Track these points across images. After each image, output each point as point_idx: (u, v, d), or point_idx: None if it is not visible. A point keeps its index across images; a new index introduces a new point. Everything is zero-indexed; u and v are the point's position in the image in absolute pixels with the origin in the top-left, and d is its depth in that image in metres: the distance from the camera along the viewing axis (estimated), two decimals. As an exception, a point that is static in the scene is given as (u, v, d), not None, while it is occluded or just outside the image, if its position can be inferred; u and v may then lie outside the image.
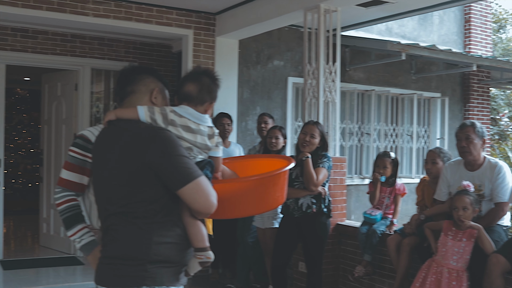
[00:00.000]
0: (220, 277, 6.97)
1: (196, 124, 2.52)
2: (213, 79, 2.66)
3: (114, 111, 2.51)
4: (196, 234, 2.45)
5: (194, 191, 2.32)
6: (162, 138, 2.35)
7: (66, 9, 6.68)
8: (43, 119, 8.78)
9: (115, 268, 2.35)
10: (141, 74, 2.60)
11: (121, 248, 2.36)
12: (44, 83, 8.74)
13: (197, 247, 2.47)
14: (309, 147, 5.25)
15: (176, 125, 2.46)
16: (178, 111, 2.51)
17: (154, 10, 7.17)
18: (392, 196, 5.69)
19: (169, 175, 2.32)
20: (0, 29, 7.50)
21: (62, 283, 6.68)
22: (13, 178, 12.87)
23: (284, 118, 8.32)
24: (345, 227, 6.07)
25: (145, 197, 2.34)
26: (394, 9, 7.17)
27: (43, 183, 8.67)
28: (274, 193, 2.74)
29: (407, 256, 5.06)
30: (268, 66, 8.27)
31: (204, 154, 2.57)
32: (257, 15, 6.87)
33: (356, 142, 9.10)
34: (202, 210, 2.37)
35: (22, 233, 10.24)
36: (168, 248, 2.38)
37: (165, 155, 2.32)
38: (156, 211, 2.35)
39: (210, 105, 2.63)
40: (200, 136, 2.52)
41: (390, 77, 9.43)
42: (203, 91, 2.60)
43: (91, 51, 8.08)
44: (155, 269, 2.34)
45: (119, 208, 2.37)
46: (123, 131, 2.42)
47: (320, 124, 5.39)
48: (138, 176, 2.32)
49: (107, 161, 2.42)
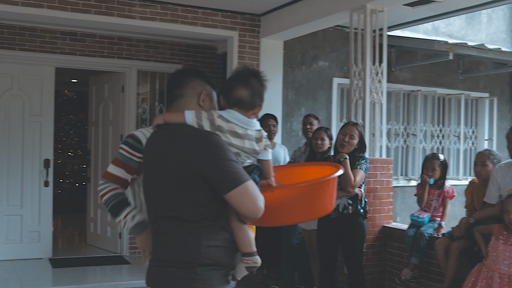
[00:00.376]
0: (265, 278, 6.98)
1: (244, 129, 2.49)
2: (261, 81, 2.60)
3: (162, 115, 2.51)
4: (243, 238, 2.44)
5: (242, 195, 2.31)
6: (210, 142, 2.34)
7: (114, 13, 6.79)
8: (91, 121, 8.94)
9: (166, 271, 2.37)
10: (188, 77, 2.58)
11: (171, 252, 2.38)
12: (92, 85, 8.90)
13: (244, 251, 2.46)
14: (347, 148, 5.25)
15: (224, 131, 2.45)
16: (226, 116, 2.48)
17: (200, 12, 7.22)
18: (441, 199, 5.60)
19: (217, 179, 2.31)
20: (50, 32, 7.67)
21: (109, 282, 6.80)
22: (60, 178, 13.13)
23: (329, 119, 8.28)
24: (391, 229, 6.00)
25: (193, 201, 2.34)
26: (442, 8, 7.05)
27: (90, 183, 8.82)
28: (323, 200, 2.69)
29: (456, 260, 4.97)
30: (313, 67, 8.24)
31: (253, 158, 2.55)
32: (302, 16, 6.86)
33: (401, 143, 8.99)
34: (249, 215, 2.35)
35: (70, 232, 10.46)
36: (217, 251, 2.38)
37: (213, 159, 2.31)
38: (204, 215, 2.35)
39: (259, 107, 2.58)
40: (248, 141, 2.50)
41: (437, 77, 9.28)
42: (255, 96, 2.54)
43: (137, 53, 8.19)
44: (205, 272, 2.36)
45: (167, 212, 2.38)
46: (172, 135, 2.42)
47: (359, 125, 5.38)
48: (186, 180, 2.33)
49: (156, 165, 2.43)
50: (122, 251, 8.19)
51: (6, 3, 6.28)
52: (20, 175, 7.73)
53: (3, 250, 7.61)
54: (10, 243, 7.67)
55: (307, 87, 8.20)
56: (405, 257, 5.78)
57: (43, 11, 6.48)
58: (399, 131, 8.94)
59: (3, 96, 7.62)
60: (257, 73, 2.60)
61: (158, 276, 2.41)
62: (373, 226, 5.97)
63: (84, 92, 13.23)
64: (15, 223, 7.70)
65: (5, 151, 7.62)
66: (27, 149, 7.76)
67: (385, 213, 6.07)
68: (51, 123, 7.96)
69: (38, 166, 7.83)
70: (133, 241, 8.18)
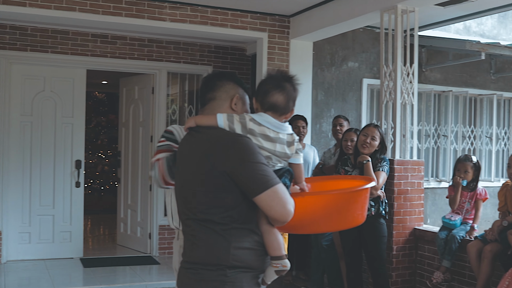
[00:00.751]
0: (293, 279, 6.96)
1: (275, 133, 2.49)
2: (295, 86, 2.61)
3: (194, 118, 2.53)
4: (272, 242, 2.44)
5: (271, 198, 2.31)
6: (241, 145, 2.35)
7: (144, 15, 6.85)
8: (121, 122, 9.02)
9: (196, 273, 2.39)
10: (221, 80, 2.59)
11: (200, 254, 2.39)
12: (122, 86, 8.99)
13: (273, 255, 2.46)
14: (369, 149, 5.31)
15: (255, 134, 2.45)
16: (257, 119, 2.48)
17: (229, 14, 7.24)
18: (473, 201, 5.53)
19: (247, 182, 2.32)
20: (81, 35, 7.76)
21: (139, 282, 6.85)
22: (91, 178, 13.28)
23: (359, 120, 8.22)
24: (422, 231, 5.94)
25: (223, 203, 2.35)
26: (474, 8, 6.95)
27: (120, 184, 8.91)
28: (354, 211, 2.66)
29: (489, 264, 4.90)
30: (343, 67, 8.20)
31: (284, 162, 2.55)
32: (332, 17, 6.83)
33: (432, 144, 8.89)
34: (279, 218, 2.35)
35: (100, 232, 10.57)
36: (247, 253, 2.39)
37: (243, 162, 2.32)
38: (234, 217, 2.36)
39: (291, 112, 2.60)
40: (279, 144, 2.50)
41: (468, 77, 9.16)
42: (290, 101, 2.56)
43: (167, 55, 8.24)
44: (235, 274, 2.36)
45: (198, 214, 2.39)
46: (204, 137, 2.44)
47: (380, 127, 5.38)
48: (216, 182, 2.33)
49: (188, 167, 2.45)
50: (152, 251, 8.25)
51: (39, 7, 6.38)
52: (52, 176, 7.85)
53: (35, 250, 7.74)
54: (42, 243, 7.79)
55: (337, 88, 8.16)
56: (436, 259, 5.72)
57: (75, 14, 6.57)
58: (430, 132, 8.84)
59: (36, 98, 7.74)
60: (291, 78, 2.61)
61: (188, 278, 2.42)
62: (403, 228, 5.92)
63: (114, 94, 13.39)
64: (47, 223, 7.82)
65: (38, 152, 7.74)
66: (58, 150, 7.88)
67: (416, 215, 6.01)
68: (83, 125, 8.06)
69: (69, 167, 7.94)
70: (162, 241, 8.24)
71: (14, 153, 7.60)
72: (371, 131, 5.34)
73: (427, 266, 5.89)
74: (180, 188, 2.52)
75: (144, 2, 6.83)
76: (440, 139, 8.95)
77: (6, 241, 7.51)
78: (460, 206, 5.54)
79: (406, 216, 5.91)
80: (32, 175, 7.72)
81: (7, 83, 7.54)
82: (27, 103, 7.69)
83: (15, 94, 7.62)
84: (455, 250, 5.39)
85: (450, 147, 8.94)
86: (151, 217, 8.24)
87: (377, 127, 5.38)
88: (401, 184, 5.88)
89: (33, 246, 7.73)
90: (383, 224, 5.36)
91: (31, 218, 7.73)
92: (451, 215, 5.54)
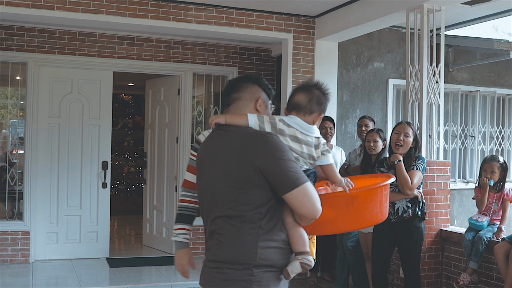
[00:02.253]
0: (318, 280, 6.94)
1: (304, 135, 2.55)
2: (324, 92, 2.69)
3: (224, 115, 2.55)
4: (298, 238, 2.47)
5: (302, 195, 2.35)
6: (271, 142, 2.38)
7: (170, 17, 6.90)
8: (147, 123, 9.09)
9: (222, 272, 2.39)
10: (247, 82, 2.64)
11: (227, 253, 2.39)
12: (148, 88, 9.05)
13: (297, 251, 2.48)
14: (403, 148, 5.15)
15: (285, 134, 2.51)
16: (287, 120, 2.55)
17: (254, 15, 7.26)
18: (500, 202, 5.46)
19: (278, 179, 2.35)
20: (108, 37, 7.85)
21: (164, 282, 6.89)
22: (117, 179, 13.41)
23: (384, 121, 8.17)
24: (449, 233, 5.87)
25: (252, 200, 2.37)
26: (502, 6, 6.86)
27: (146, 185, 8.97)
28: (372, 209, 2.64)
29: (517, 265, 4.83)
30: (368, 68, 8.16)
31: (309, 164, 2.59)
32: (358, 17, 6.79)
33: (459, 145, 8.80)
34: (308, 215, 2.39)
35: (126, 233, 10.66)
36: (274, 252, 2.40)
37: (274, 159, 2.34)
38: (262, 214, 2.38)
39: (318, 116, 2.65)
40: (307, 146, 2.55)
41: (496, 77, 9.04)
42: (313, 101, 2.63)
43: (193, 57, 8.28)
44: (261, 274, 2.38)
45: (226, 211, 2.40)
46: (233, 135, 2.47)
47: (412, 124, 5.27)
48: (247, 178, 2.36)
49: (215, 164, 2.47)
50: (177, 252, 8.27)
51: (67, 10, 6.47)
52: (79, 177, 7.94)
53: (63, 250, 7.84)
54: (69, 243, 7.88)
55: (362, 89, 8.12)
56: (462, 261, 5.66)
57: (102, 17, 6.65)
58: (457, 132, 8.75)
59: (64, 100, 7.84)
60: (320, 85, 2.71)
61: (214, 277, 2.42)
62: (429, 230, 5.86)
63: (140, 96, 13.51)
64: (74, 223, 7.92)
65: (65, 153, 7.85)
66: (86, 151, 7.97)
67: (442, 216, 5.95)
68: (109, 126, 8.14)
69: (96, 168, 8.03)
70: (188, 242, 8.26)
71: (42, 154, 7.71)
72: (403, 128, 5.18)
73: (453, 268, 5.82)
74: (206, 187, 2.53)
75: (169, 4, 6.88)
76: (467, 139, 8.85)
77: (34, 241, 7.62)
78: (487, 207, 5.47)
79: (432, 217, 5.85)
80: (60, 176, 7.82)
81: (36, 85, 7.65)
82: (55, 105, 7.80)
83: (43, 96, 7.73)
84: (482, 251, 5.32)
85: (477, 148, 8.84)
86: (177, 217, 8.26)
87: (409, 124, 5.22)
88: (428, 185, 5.82)
89: (60, 246, 7.83)
90: (419, 228, 5.14)
91: (59, 218, 7.84)
92: (478, 216, 5.48)
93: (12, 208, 7.69)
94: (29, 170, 7.60)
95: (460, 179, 8.81)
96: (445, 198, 5.96)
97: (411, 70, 6.08)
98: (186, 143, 8.26)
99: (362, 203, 2.64)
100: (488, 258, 5.38)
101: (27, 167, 7.60)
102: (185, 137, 8.28)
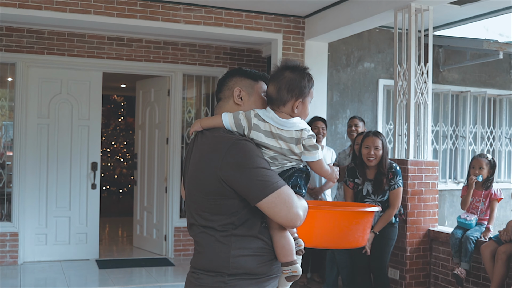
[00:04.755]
0: (308, 281, 6.92)
1: (279, 130, 2.30)
2: (298, 73, 2.34)
3: (199, 120, 2.41)
4: (282, 247, 2.31)
5: (274, 204, 2.19)
6: (237, 150, 2.21)
7: (159, 17, 6.88)
8: (137, 124, 9.07)
9: (197, 277, 2.35)
10: (226, 78, 2.45)
11: (203, 260, 2.34)
12: (139, 89, 9.03)
13: (281, 261, 2.34)
14: (376, 160, 5.24)
15: (259, 130, 2.29)
16: (262, 115, 2.31)
17: (244, 16, 7.24)
18: (487, 201, 5.44)
19: (245, 189, 2.20)
20: (97, 38, 7.82)
21: (154, 283, 6.86)
22: (110, 181, 13.37)
23: (375, 121, 8.16)
24: (437, 233, 5.85)
25: (223, 210, 2.25)
26: (491, 6, 6.86)
27: (137, 186, 8.94)
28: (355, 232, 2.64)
29: (503, 265, 4.82)
30: (358, 68, 8.15)
31: (295, 161, 2.35)
32: (347, 17, 6.78)
33: (450, 145, 8.79)
34: (286, 223, 2.23)
35: (117, 234, 10.61)
36: (249, 260, 2.29)
37: (238, 168, 2.19)
38: (236, 224, 2.26)
39: (297, 101, 2.32)
40: (284, 142, 2.29)
41: (487, 78, 9.04)
42: (282, 90, 2.31)
43: (183, 57, 8.26)
44: (235, 281, 2.29)
45: (199, 220, 2.33)
46: (205, 139, 2.33)
47: (381, 134, 5.35)
48: (215, 190, 2.23)
49: (189, 172, 2.38)
50: (167, 253, 8.26)
51: (54, 10, 6.44)
52: (69, 178, 7.90)
53: (52, 251, 7.79)
54: (58, 244, 7.84)
55: (352, 89, 8.11)
56: (451, 261, 5.63)
57: (90, 17, 6.62)
58: (448, 133, 8.74)
59: (53, 101, 7.81)
60: (293, 65, 2.36)
61: (190, 282, 2.39)
62: (417, 230, 5.84)
63: (132, 97, 13.47)
64: (63, 224, 7.88)
65: (54, 154, 7.81)
66: (75, 152, 7.93)
67: (430, 216, 5.93)
68: (99, 127, 8.11)
69: (86, 169, 7.99)
70: (178, 243, 8.25)
71: (31, 155, 7.67)
72: (372, 141, 5.21)
73: (441, 268, 5.80)
74: (186, 193, 2.44)
75: (158, 5, 6.86)
76: (458, 140, 8.85)
77: (23, 242, 7.58)
78: (474, 205, 5.46)
79: (420, 217, 5.84)
80: (49, 177, 7.78)
81: (24, 86, 7.61)
82: (44, 106, 7.76)
83: (32, 97, 7.69)
84: (472, 251, 5.31)
85: (468, 148, 8.82)
86: (167, 219, 8.26)
87: (377, 135, 5.25)
88: (415, 185, 5.81)
89: (49, 248, 7.79)
90: (394, 228, 5.32)
91: (48, 219, 7.79)
92: (467, 215, 5.46)
93: (1, 210, 7.65)
94: (18, 171, 7.56)
95: (451, 179, 8.80)
96: (433, 198, 5.94)
97: (399, 70, 6.07)
98: (176, 144, 8.24)
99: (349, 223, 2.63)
100: (476, 258, 5.37)
101: (16, 168, 7.56)
102: (175, 138, 8.25)
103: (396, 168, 5.25)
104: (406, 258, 5.79)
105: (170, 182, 8.17)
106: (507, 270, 4.83)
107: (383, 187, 5.20)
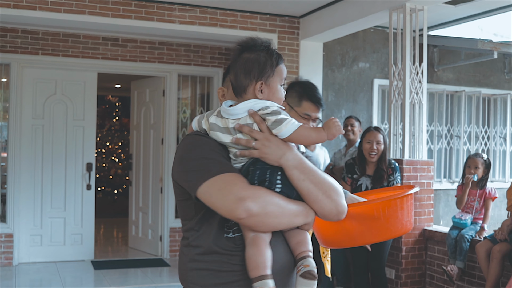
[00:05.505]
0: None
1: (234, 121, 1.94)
2: (256, 51, 1.97)
3: None
4: (250, 258, 1.88)
5: (208, 194, 1.85)
6: (181, 145, 2.01)
7: (154, 17, 6.87)
8: (132, 125, 9.06)
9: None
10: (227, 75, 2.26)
11: None
12: (134, 89, 9.02)
13: (251, 276, 1.87)
14: (377, 155, 5.27)
15: (217, 129, 1.96)
16: (221, 110, 1.99)
17: (239, 16, 7.24)
18: (482, 200, 5.46)
19: (185, 183, 1.93)
20: (92, 38, 7.80)
21: (149, 284, 6.86)
22: (104, 182, 13.34)
23: (370, 121, 8.17)
24: (432, 232, 5.87)
25: (184, 214, 2.03)
26: (485, 6, 6.88)
27: (132, 187, 8.93)
28: (402, 218, 2.44)
29: (498, 264, 4.84)
30: (353, 68, 8.16)
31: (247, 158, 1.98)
32: (342, 17, 6.79)
33: (445, 145, 8.81)
34: (226, 215, 1.85)
35: (112, 235, 10.59)
36: (205, 276, 1.94)
37: (180, 161, 1.95)
38: (195, 230, 1.97)
39: (257, 84, 1.95)
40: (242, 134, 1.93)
41: (482, 77, 9.07)
42: (238, 75, 1.97)
43: (178, 58, 8.25)
44: None
45: None
46: None
47: (381, 129, 5.37)
48: (175, 190, 2.04)
49: None
50: (162, 254, 8.25)
51: (49, 10, 6.42)
52: (63, 179, 7.89)
53: (47, 252, 7.77)
54: (53, 245, 7.82)
55: (348, 89, 8.12)
56: (446, 260, 5.65)
57: (84, 17, 6.61)
58: (442, 132, 8.76)
59: (47, 101, 7.79)
60: (251, 45, 2.00)
61: None
62: (412, 229, 5.86)
63: (127, 98, 13.45)
64: (58, 225, 7.86)
65: (49, 155, 7.79)
66: (70, 153, 7.91)
67: (426, 215, 5.95)
68: (94, 128, 8.10)
69: (80, 170, 7.98)
70: (173, 244, 8.24)
71: (26, 156, 7.65)
72: (374, 136, 5.26)
73: (436, 267, 5.82)
74: None
75: (153, 5, 6.85)
76: (453, 139, 8.87)
77: (18, 243, 7.56)
78: (469, 205, 5.48)
79: (416, 216, 5.85)
80: (44, 178, 7.77)
81: (19, 86, 7.59)
82: (38, 107, 7.75)
83: (27, 97, 7.67)
84: (466, 250, 5.33)
85: (463, 148, 8.85)
86: (162, 219, 8.25)
87: (378, 130, 5.30)
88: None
89: (44, 249, 7.77)
90: None
91: (43, 220, 7.78)
92: (461, 214, 5.48)
93: (-4, 211, 7.64)
94: (13, 172, 7.54)
95: (446, 179, 8.82)
96: (428, 197, 5.95)
97: (394, 69, 6.08)
98: (171, 144, 8.23)
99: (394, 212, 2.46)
100: (471, 257, 5.38)
101: (11, 169, 7.54)
102: (170, 138, 8.25)
103: (395, 164, 5.29)
104: (402, 258, 5.81)
105: (165, 182, 8.16)
106: (502, 269, 4.85)
107: (383, 182, 5.20)
